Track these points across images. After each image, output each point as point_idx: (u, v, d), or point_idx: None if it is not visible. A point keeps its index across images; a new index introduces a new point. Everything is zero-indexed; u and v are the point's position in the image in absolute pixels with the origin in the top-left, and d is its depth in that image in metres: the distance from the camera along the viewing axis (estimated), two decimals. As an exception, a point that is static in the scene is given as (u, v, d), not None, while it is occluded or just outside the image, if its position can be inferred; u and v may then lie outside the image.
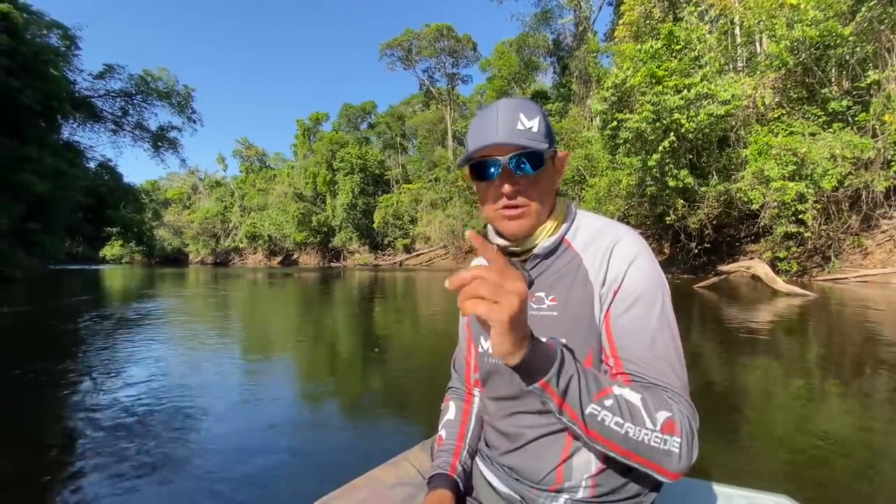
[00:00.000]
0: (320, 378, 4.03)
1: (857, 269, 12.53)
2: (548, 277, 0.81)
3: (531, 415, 0.80)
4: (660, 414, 0.64)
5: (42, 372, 3.94)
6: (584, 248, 0.80)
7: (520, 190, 0.77)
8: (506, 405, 0.84)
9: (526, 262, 0.84)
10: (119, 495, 1.94)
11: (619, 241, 0.77)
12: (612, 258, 0.76)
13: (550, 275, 0.81)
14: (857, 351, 4.54)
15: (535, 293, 0.81)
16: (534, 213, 0.79)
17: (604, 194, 18.16)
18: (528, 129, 0.76)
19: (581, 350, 0.75)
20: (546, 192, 0.80)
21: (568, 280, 0.79)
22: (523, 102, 0.79)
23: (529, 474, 0.79)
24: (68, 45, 23.08)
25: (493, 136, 0.76)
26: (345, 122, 53.55)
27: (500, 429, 0.85)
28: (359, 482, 0.91)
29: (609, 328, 0.74)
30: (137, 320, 7.26)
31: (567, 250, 0.81)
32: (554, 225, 0.81)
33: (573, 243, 0.81)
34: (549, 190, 0.82)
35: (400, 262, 37.61)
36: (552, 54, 36.03)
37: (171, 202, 69.86)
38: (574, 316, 0.76)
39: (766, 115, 14.63)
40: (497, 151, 0.76)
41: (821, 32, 12.73)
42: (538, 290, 0.81)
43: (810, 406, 3.03)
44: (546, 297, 0.80)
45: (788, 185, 11.94)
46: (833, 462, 2.16)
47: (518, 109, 0.77)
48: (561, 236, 0.82)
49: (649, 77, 14.22)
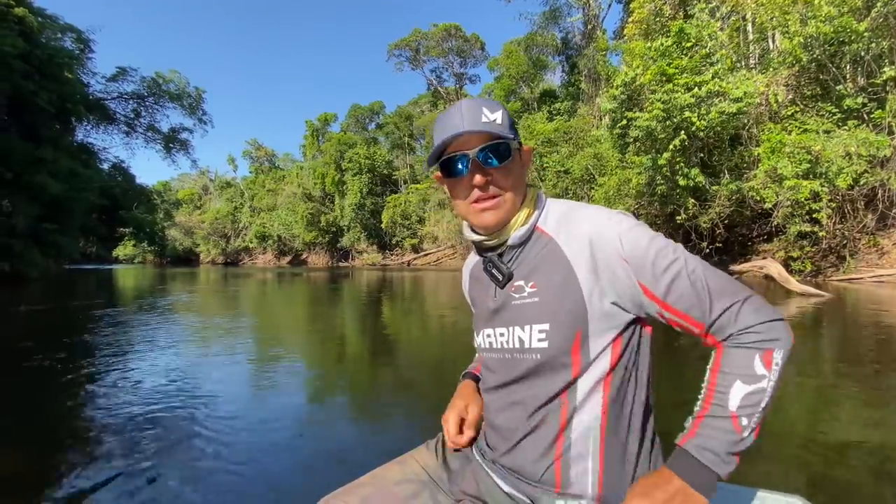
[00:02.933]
0: (330, 374, 4.05)
1: (873, 269, 12.30)
2: (525, 265, 0.81)
3: (521, 406, 0.80)
4: (756, 367, 0.67)
5: (56, 368, 4.01)
6: (556, 231, 0.80)
7: (491, 181, 0.78)
8: (501, 395, 0.84)
9: (502, 256, 0.84)
10: (121, 491, 1.96)
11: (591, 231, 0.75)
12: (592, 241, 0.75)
13: (527, 262, 0.81)
14: (872, 352, 4.46)
15: (514, 283, 0.82)
16: (508, 202, 0.80)
17: (613, 193, 18.03)
18: (492, 122, 0.77)
19: (568, 333, 0.75)
20: (518, 182, 0.81)
21: (546, 265, 0.79)
22: (485, 100, 0.80)
23: (529, 474, 0.79)
24: (82, 48, 23.49)
25: (459, 127, 0.76)
26: (353, 122, 53.79)
27: (497, 424, 0.85)
28: (364, 480, 0.92)
29: (665, 304, 0.72)
30: (153, 317, 7.36)
31: (540, 236, 0.81)
32: (526, 214, 0.82)
33: (545, 230, 0.81)
34: (521, 180, 0.82)
35: (408, 262, 37.67)
36: (561, 53, 35.81)
37: (182, 203, 70.70)
38: (556, 299, 0.76)
39: (779, 113, 14.42)
40: (465, 145, 0.78)
41: (835, 28, 12.51)
42: (517, 279, 0.82)
43: (824, 407, 2.98)
44: (526, 285, 0.80)
45: (802, 184, 11.75)
46: (848, 463, 2.12)
47: (481, 105, 0.78)
48: (533, 224, 0.82)
49: (659, 75, 14.08)
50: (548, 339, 0.76)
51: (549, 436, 0.77)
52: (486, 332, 0.87)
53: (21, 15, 17.43)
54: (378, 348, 5.26)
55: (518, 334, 0.80)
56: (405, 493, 0.88)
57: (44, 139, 18.94)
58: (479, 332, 0.90)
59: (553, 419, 0.77)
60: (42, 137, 18.89)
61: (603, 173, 20.57)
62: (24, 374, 3.87)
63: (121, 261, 64.23)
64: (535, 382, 0.78)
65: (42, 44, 18.96)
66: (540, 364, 0.77)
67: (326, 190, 47.85)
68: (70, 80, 20.81)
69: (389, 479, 0.91)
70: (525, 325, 0.79)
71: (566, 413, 0.76)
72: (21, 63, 16.69)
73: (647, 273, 0.72)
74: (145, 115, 29.23)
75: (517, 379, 0.81)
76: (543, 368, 0.77)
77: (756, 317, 0.68)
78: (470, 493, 0.88)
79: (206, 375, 3.88)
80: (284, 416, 2.87)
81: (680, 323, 0.73)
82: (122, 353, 4.71)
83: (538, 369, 0.78)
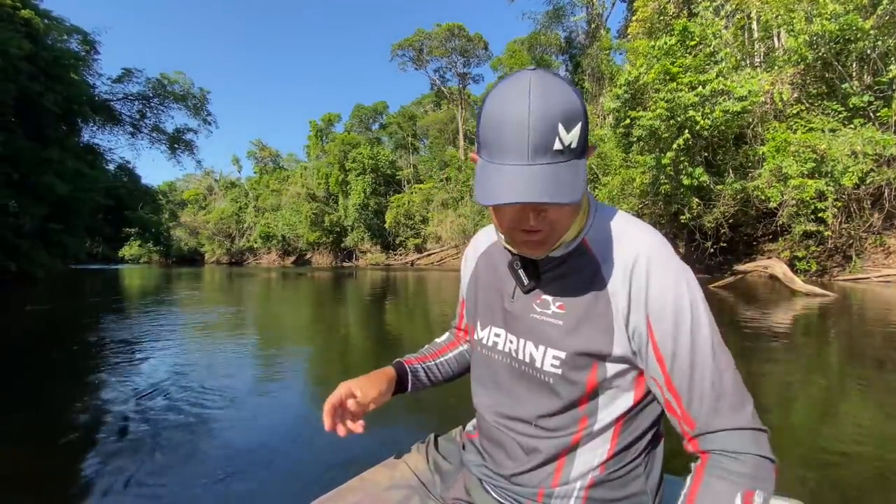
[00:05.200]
0: (329, 374, 4.06)
1: (880, 269, 12.20)
2: (558, 280, 0.73)
3: (520, 419, 0.77)
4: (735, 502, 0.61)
5: (58, 367, 4.04)
6: (605, 256, 0.69)
7: (545, 215, 0.65)
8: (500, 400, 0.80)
9: (536, 262, 0.76)
10: (121, 490, 1.98)
11: (637, 260, 0.67)
12: (632, 281, 0.66)
13: (561, 277, 0.73)
14: (877, 352, 4.42)
15: (540, 295, 0.75)
16: (556, 237, 0.69)
17: (617, 193, 17.97)
18: (566, 148, 0.60)
19: (584, 365, 0.69)
20: (573, 211, 0.68)
21: (582, 290, 0.70)
22: (563, 95, 0.60)
23: (520, 484, 0.77)
24: (88, 49, 23.64)
25: (521, 155, 0.60)
26: (357, 122, 53.89)
27: (492, 432, 0.82)
28: (353, 484, 0.90)
29: (669, 380, 0.66)
30: (158, 315, 7.39)
31: (585, 254, 0.71)
32: (577, 228, 0.71)
33: (591, 247, 0.71)
34: (577, 206, 0.69)
35: (411, 262, 37.67)
36: (564, 52, 35.79)
37: (187, 203, 71.12)
38: (581, 330, 0.69)
39: (784, 112, 14.32)
40: None
41: (840, 26, 12.41)
42: (545, 292, 0.74)
43: (830, 408, 2.95)
44: (553, 303, 0.73)
45: (807, 183, 11.67)
46: (852, 468, 2.10)
47: (557, 114, 0.59)
48: (580, 239, 0.72)
49: (663, 74, 14.02)
50: (562, 367, 0.70)
51: (550, 452, 0.74)
52: (496, 331, 0.82)
53: (27, 17, 17.57)
54: (380, 347, 5.26)
55: (530, 351, 0.74)
56: (395, 499, 0.87)
57: (50, 140, 19.08)
58: (486, 328, 0.84)
59: (556, 436, 0.73)
60: (48, 138, 19.02)
61: (607, 172, 20.51)
62: (27, 373, 3.90)
63: (126, 261, 64.58)
64: (541, 398, 0.74)
65: (48, 45, 19.11)
66: (549, 385, 0.72)
67: (330, 190, 47.96)
68: (76, 81, 20.94)
69: (379, 483, 0.90)
70: (540, 345, 0.73)
71: (571, 432, 0.72)
72: (27, 65, 16.81)
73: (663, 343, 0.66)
74: (150, 115, 29.40)
75: (522, 390, 0.77)
76: (552, 389, 0.72)
77: (755, 448, 0.63)
78: (460, 499, 0.87)
79: (211, 373, 3.89)
80: (283, 416, 2.89)
81: (673, 408, 0.67)
82: (126, 352, 4.73)
83: (546, 388, 0.73)
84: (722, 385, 0.64)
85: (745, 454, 0.62)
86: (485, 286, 0.87)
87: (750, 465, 0.61)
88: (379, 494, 0.88)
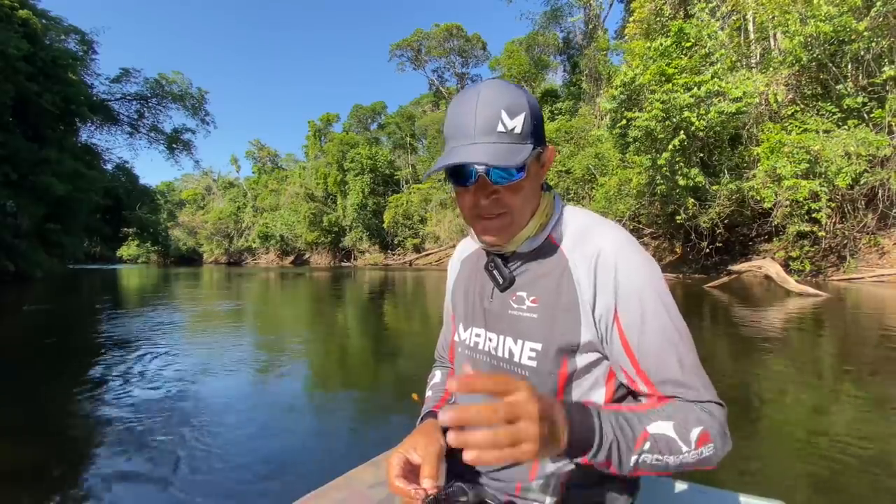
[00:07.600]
0: (329, 372, 4.11)
1: (874, 269, 12.28)
2: (530, 276, 0.77)
3: None
4: (693, 433, 0.63)
5: (58, 366, 4.09)
6: (572, 250, 0.74)
7: (498, 198, 0.71)
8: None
9: (508, 260, 0.80)
10: (120, 489, 2.04)
11: (601, 251, 0.71)
12: (597, 271, 0.70)
13: (533, 273, 0.77)
14: (869, 352, 4.47)
15: (515, 292, 0.78)
16: (514, 220, 0.73)
17: (614, 193, 18.02)
18: (509, 132, 0.67)
19: (558, 356, 0.73)
20: (528, 196, 0.73)
21: (552, 283, 0.74)
22: (508, 91, 0.69)
23: (504, 480, 0.80)
24: (86, 49, 23.64)
25: (470, 134, 0.68)
26: (355, 122, 53.85)
27: None
28: (338, 482, 0.92)
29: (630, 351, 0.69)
30: (156, 315, 7.42)
31: (553, 250, 0.76)
32: (538, 224, 0.76)
33: (560, 243, 0.76)
34: (532, 193, 0.75)
35: (410, 262, 37.68)
36: (562, 53, 35.85)
37: (185, 203, 71.06)
38: (553, 320, 0.73)
39: (779, 113, 14.40)
40: None
41: (835, 28, 12.49)
42: (519, 288, 0.78)
43: (821, 411, 2.98)
44: (527, 298, 0.76)
45: (801, 184, 11.75)
46: (842, 467, 2.12)
47: (500, 104, 0.67)
48: (546, 235, 0.77)
49: (659, 75, 14.08)
50: (537, 358, 0.74)
51: None
52: (476, 332, 0.84)
53: (25, 17, 17.56)
54: (378, 346, 5.31)
55: (509, 346, 0.77)
56: (379, 497, 0.87)
57: (48, 140, 19.07)
58: (467, 329, 0.87)
59: None
60: (46, 138, 19.02)
61: (604, 173, 20.57)
62: (25, 372, 3.94)
63: (125, 261, 64.50)
64: None
65: (46, 45, 19.11)
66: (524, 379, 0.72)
67: (329, 190, 47.93)
68: (74, 81, 20.93)
69: (364, 481, 0.92)
70: (518, 340, 0.76)
71: None
72: (25, 65, 16.81)
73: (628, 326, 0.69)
74: (149, 115, 29.45)
75: None
76: None
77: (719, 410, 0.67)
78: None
79: (209, 372, 3.94)
80: (275, 415, 2.94)
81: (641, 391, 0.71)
82: (123, 351, 4.77)
83: None
84: (688, 366, 0.68)
85: (708, 401, 0.67)
86: (466, 289, 0.90)
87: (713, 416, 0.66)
88: (364, 492, 0.90)
